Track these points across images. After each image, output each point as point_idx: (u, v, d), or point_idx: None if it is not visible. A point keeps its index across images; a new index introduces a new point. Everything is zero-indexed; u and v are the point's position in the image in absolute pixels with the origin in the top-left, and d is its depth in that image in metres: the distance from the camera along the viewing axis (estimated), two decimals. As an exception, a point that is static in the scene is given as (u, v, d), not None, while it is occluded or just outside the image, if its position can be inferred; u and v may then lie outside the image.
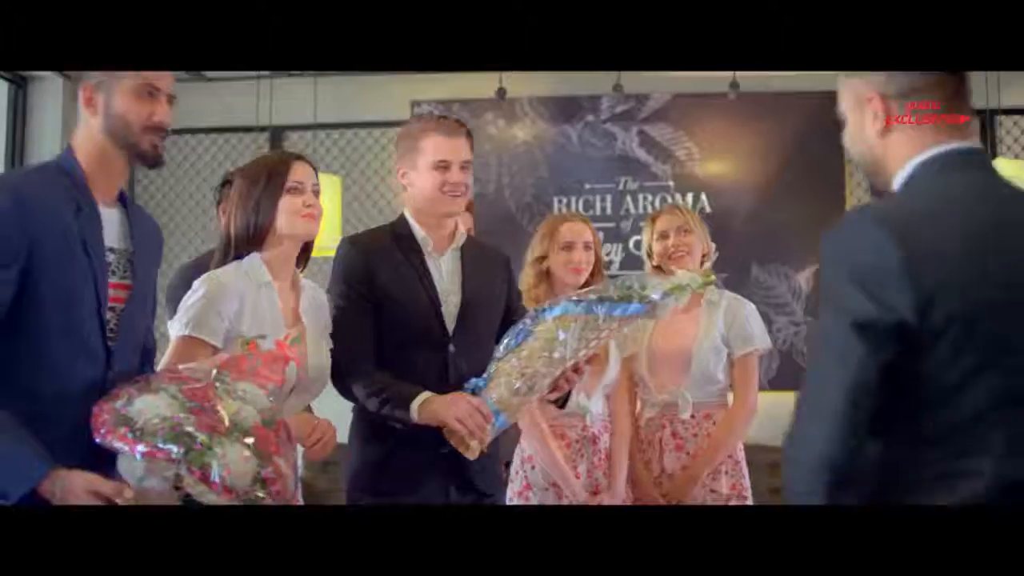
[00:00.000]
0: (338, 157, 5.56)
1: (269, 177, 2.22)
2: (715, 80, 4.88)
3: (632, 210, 5.36)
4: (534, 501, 3.00)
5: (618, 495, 3.00)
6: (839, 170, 5.26)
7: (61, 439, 1.76)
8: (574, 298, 2.42)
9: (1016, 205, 1.41)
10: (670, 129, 5.36)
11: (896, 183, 1.46)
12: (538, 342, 2.37)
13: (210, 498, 1.71)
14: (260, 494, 1.74)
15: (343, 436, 2.50)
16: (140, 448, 1.71)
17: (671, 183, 5.34)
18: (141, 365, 2.04)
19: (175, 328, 2.15)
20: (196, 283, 2.16)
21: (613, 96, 5.27)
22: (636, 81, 5.12)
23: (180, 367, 1.91)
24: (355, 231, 3.02)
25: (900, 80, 1.48)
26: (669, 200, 5.26)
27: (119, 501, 1.70)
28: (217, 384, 1.83)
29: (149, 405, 1.74)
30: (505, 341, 2.42)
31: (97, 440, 1.76)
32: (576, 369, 2.43)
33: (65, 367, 1.83)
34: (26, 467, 1.70)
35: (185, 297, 2.15)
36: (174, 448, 1.69)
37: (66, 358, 1.83)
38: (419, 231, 2.53)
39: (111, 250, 1.92)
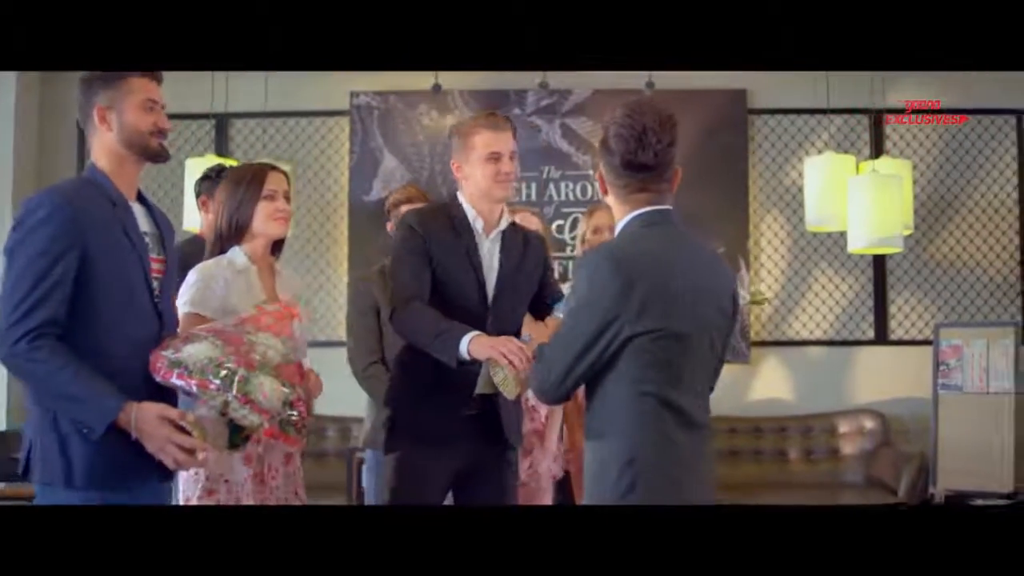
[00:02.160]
0: (281, 144, 5.88)
1: (249, 184, 2.69)
2: (633, 78, 5.30)
3: (555, 197, 5.80)
4: None
5: (549, 452, 3.36)
6: (743, 160, 5.76)
7: (130, 385, 2.13)
8: None
9: (687, 246, 2.18)
10: (590, 122, 5.79)
11: (617, 229, 2.22)
12: None
13: (252, 419, 2.14)
14: (291, 412, 2.21)
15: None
16: (194, 382, 2.11)
17: (591, 172, 5.76)
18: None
19: (180, 306, 2.55)
20: (191, 273, 2.61)
21: (538, 91, 5.70)
22: (560, 77, 5.54)
23: (209, 325, 2.32)
24: (297, 212, 3.30)
25: (608, 174, 2.19)
26: (589, 188, 5.72)
27: (183, 424, 2.08)
28: (244, 335, 2.24)
29: (197, 350, 2.15)
30: (560, 303, 2.59)
31: (157, 380, 2.15)
32: None
33: (128, 329, 2.19)
34: (103, 404, 2.07)
35: (184, 283, 2.59)
36: (221, 380, 2.11)
37: (127, 321, 2.20)
38: (471, 213, 2.83)
39: (145, 233, 2.30)
